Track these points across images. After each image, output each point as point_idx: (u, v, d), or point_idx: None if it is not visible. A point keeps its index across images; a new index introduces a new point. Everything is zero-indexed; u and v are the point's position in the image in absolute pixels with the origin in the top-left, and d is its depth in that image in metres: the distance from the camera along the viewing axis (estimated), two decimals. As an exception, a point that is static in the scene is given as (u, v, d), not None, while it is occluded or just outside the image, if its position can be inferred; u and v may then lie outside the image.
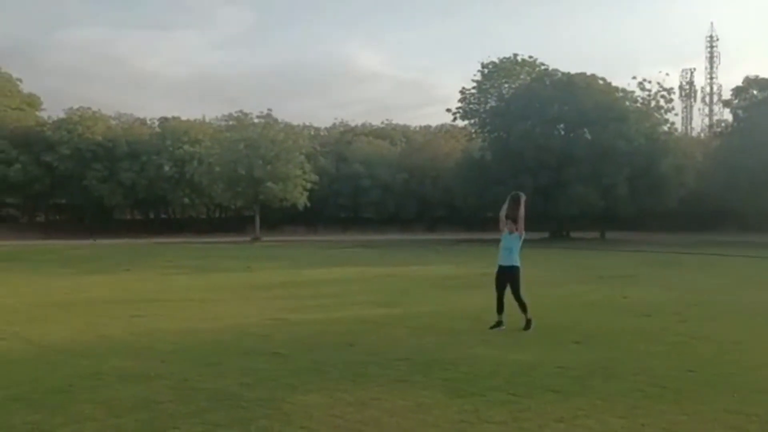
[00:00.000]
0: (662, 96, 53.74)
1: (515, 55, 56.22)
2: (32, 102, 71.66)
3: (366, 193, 66.40)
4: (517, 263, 10.99)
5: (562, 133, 52.70)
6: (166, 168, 61.50)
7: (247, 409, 6.41)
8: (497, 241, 11.35)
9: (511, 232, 11.04)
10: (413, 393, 6.92)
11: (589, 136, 50.72)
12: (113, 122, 67.84)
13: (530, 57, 56.45)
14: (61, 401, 6.72)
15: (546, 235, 53.53)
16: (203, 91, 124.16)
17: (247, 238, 54.10)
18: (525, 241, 11.24)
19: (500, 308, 10.98)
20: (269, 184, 52.74)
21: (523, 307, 10.87)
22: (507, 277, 11.00)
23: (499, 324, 10.88)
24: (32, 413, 6.31)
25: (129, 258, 31.31)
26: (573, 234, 54.14)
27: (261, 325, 11.65)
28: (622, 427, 5.83)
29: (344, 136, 75.02)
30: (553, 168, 49.03)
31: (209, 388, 7.22)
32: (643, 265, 25.96)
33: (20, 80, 71.27)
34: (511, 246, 11.00)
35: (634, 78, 53.93)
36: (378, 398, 6.74)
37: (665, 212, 54.47)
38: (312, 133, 74.63)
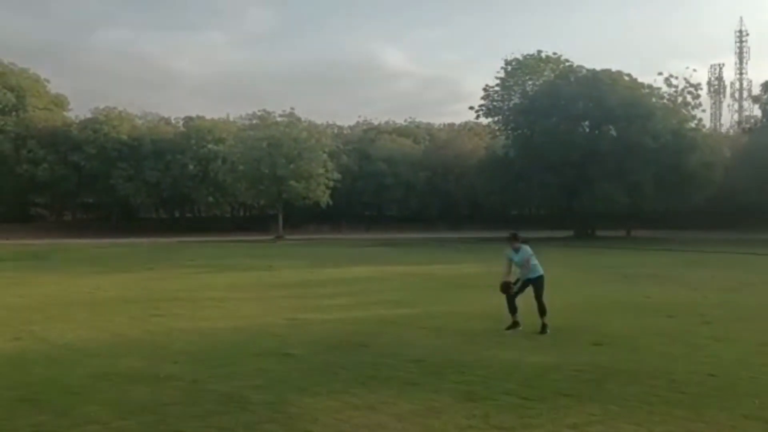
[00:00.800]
0: (689, 92, 52.91)
1: (539, 51, 55.69)
2: (60, 102, 72.66)
3: (389, 192, 66.25)
4: (540, 272, 10.81)
5: (587, 130, 52.14)
6: (191, 167, 61.93)
7: (253, 412, 6.34)
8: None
9: (516, 250, 10.82)
10: (423, 397, 6.80)
11: (614, 133, 50.01)
12: (139, 121, 68.48)
13: (554, 54, 55.90)
14: (69, 402, 6.71)
15: (571, 233, 53.02)
16: (228, 90, 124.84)
17: (271, 237, 54.24)
18: (549, 239, 11.05)
19: (512, 309, 10.79)
20: (292, 182, 52.84)
21: (543, 311, 10.64)
22: (532, 285, 10.76)
23: (515, 325, 10.70)
24: (38, 414, 6.30)
25: (152, 257, 31.53)
26: (599, 232, 53.49)
27: (277, 324, 11.59)
28: (636, 435, 5.66)
29: (367, 134, 74.90)
30: (577, 165, 48.46)
31: (218, 390, 7.16)
32: (669, 264, 25.50)
33: (48, 81, 72.31)
34: (527, 259, 10.75)
35: (660, 74, 53.05)
36: (386, 402, 6.63)
37: (692, 210, 53.66)
38: (335, 131, 74.67)
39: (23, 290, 17.20)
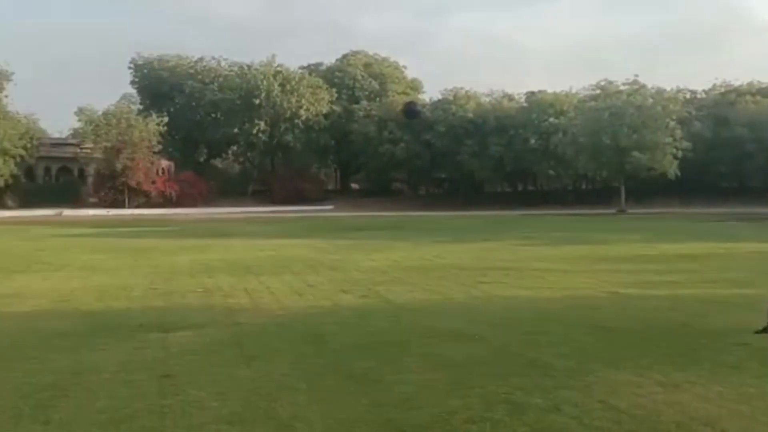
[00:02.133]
0: None
1: None
2: (415, 86, 79.71)
3: (750, 160, 59.28)
4: None
5: None
6: (532, 141, 62.90)
7: (553, 378, 6.55)
8: None
9: None
10: (738, 381, 6.30)
11: None
12: (485, 99, 71.46)
13: None
14: (394, 353, 7.66)
15: None
16: (572, 61, 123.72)
17: (612, 211, 52.62)
18: None
19: None
20: (635, 153, 50.49)
21: None
22: None
23: None
24: (369, 360, 7.33)
25: (491, 229, 33.06)
26: None
27: (596, 297, 11.54)
28: None
29: (725, 98, 67.77)
30: None
31: (524, 354, 7.52)
32: None
33: (405, 67, 79.66)
34: None
35: None
36: (694, 382, 6.30)
37: None
38: (687, 96, 68.99)
39: (376, 255, 19.53)
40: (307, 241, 25.22)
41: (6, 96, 63.49)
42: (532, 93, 70.59)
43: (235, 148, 74.19)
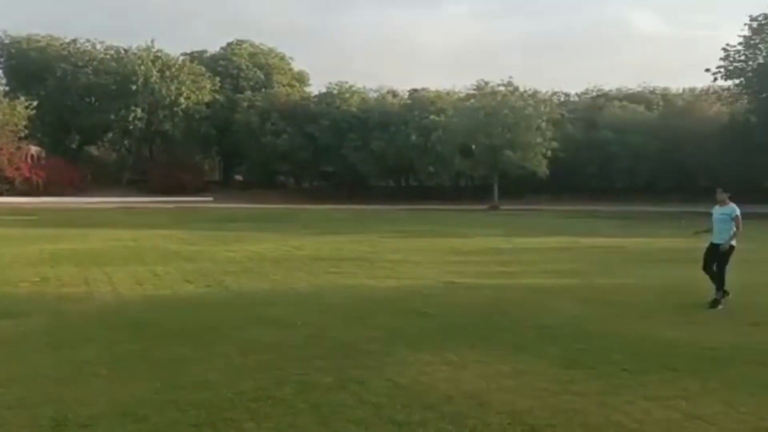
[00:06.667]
0: None
1: (794, 2, 49.19)
2: (301, 78, 79.24)
3: (615, 161, 62.99)
4: (731, 241, 10.17)
5: None
6: (413, 137, 63.95)
7: (353, 359, 6.89)
8: (759, 215, 10.61)
9: (722, 205, 10.39)
10: (519, 360, 6.87)
11: None
12: (372, 95, 72.01)
13: (814, 4, 49.02)
14: (212, 339, 7.77)
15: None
16: (463, 61, 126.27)
17: (484, 207, 54.55)
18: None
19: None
20: (507, 152, 52.56)
21: (720, 282, 10.02)
22: (716, 253, 10.22)
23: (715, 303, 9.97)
24: (184, 346, 7.41)
25: (366, 222, 33.54)
26: None
27: (433, 287, 12.05)
28: (715, 413, 5.30)
29: (596, 102, 71.77)
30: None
31: (338, 338, 7.83)
32: None
33: (292, 59, 79.07)
34: (724, 221, 10.27)
35: None
36: (482, 362, 6.81)
37: None
38: (561, 99, 72.53)
39: (237, 247, 19.36)
40: (172, 231, 24.66)
41: None
42: (415, 90, 71.97)
43: (111, 135, 71.29)
